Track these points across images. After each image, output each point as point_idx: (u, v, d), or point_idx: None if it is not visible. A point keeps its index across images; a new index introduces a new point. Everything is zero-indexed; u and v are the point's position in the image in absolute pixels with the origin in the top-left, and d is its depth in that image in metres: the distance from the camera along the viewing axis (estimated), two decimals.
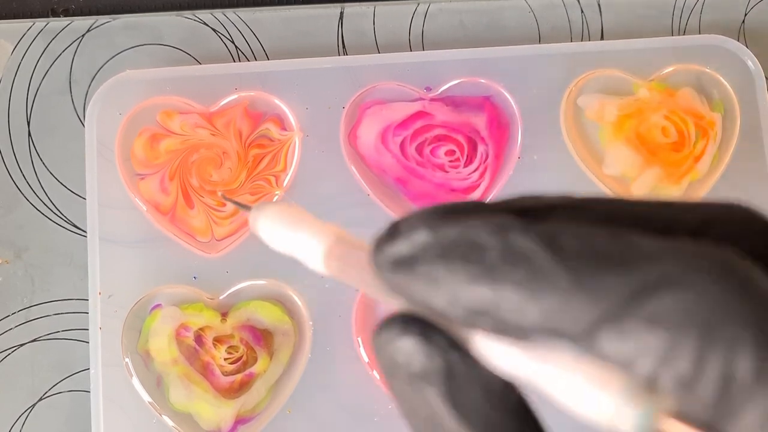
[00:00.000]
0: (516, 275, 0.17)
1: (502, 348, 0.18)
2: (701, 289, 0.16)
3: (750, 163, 0.44)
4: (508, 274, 0.17)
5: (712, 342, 0.16)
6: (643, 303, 0.16)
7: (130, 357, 0.42)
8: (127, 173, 0.43)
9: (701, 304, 0.16)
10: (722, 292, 0.16)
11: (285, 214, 0.23)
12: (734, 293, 0.16)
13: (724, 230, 0.18)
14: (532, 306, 0.17)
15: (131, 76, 0.44)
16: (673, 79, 0.45)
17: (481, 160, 0.44)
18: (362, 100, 0.44)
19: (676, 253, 0.17)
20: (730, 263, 0.17)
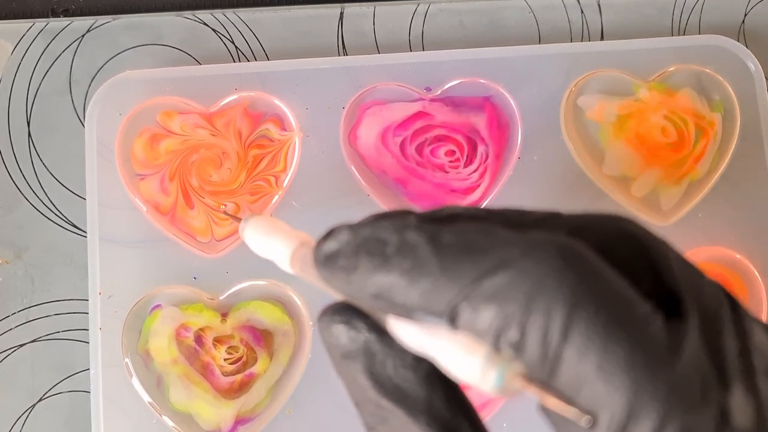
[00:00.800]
0: (404, 264, 0.21)
1: (406, 327, 0.21)
2: (526, 267, 0.19)
3: (750, 163, 0.44)
4: (399, 264, 0.21)
5: (531, 311, 0.19)
6: (484, 282, 0.20)
7: (130, 357, 0.42)
8: (127, 173, 0.43)
9: (524, 279, 0.19)
10: (542, 268, 0.19)
11: (264, 224, 0.28)
12: (553, 269, 0.19)
13: (592, 234, 0.21)
14: (413, 289, 0.20)
15: (131, 76, 0.44)
16: (673, 80, 0.45)
17: (481, 161, 0.44)
18: (362, 100, 0.44)
19: (521, 241, 0.20)
20: (561, 248, 0.20)
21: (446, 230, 0.21)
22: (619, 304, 0.19)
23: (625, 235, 0.22)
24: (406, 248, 0.21)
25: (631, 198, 0.44)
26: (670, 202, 0.44)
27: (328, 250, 0.22)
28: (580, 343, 0.19)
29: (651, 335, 0.19)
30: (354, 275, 0.21)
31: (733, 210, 0.44)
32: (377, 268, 0.21)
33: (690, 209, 0.44)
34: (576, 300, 0.19)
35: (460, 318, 0.20)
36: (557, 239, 0.20)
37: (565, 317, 0.19)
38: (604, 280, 0.20)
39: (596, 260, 0.20)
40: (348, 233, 0.22)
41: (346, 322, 0.23)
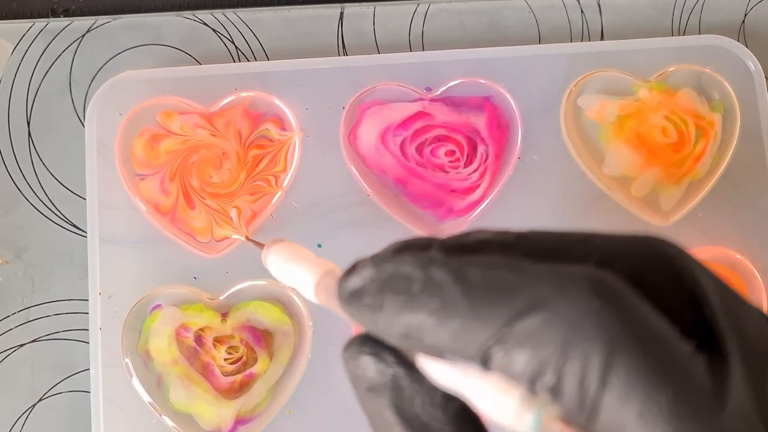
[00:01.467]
0: (432, 304, 0.20)
1: (437, 365, 0.21)
2: (560, 308, 0.19)
3: (750, 163, 0.44)
4: (426, 303, 0.20)
5: (568, 356, 0.18)
6: (516, 325, 0.19)
7: (130, 357, 0.42)
8: (127, 173, 0.43)
9: (559, 322, 0.18)
10: (577, 309, 0.18)
11: (288, 252, 0.27)
12: (589, 312, 0.18)
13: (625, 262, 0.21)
14: (443, 330, 0.20)
15: (131, 76, 0.44)
16: (673, 80, 0.45)
17: (481, 161, 0.44)
18: (362, 100, 0.44)
19: (553, 278, 0.19)
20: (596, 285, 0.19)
21: (473, 266, 0.20)
22: (659, 345, 0.18)
23: (660, 259, 0.21)
24: (432, 286, 0.20)
25: (631, 198, 0.44)
26: (670, 202, 0.44)
27: (353, 287, 0.21)
28: (620, 389, 0.18)
29: (694, 380, 0.18)
30: (380, 314, 0.21)
31: (733, 210, 0.44)
32: (404, 308, 0.20)
33: (690, 209, 0.44)
34: (614, 344, 0.18)
35: (493, 361, 0.19)
36: (590, 273, 0.19)
37: (604, 363, 0.18)
38: (642, 319, 0.19)
39: (632, 296, 0.19)
40: (372, 269, 0.21)
41: (375, 354, 0.22)
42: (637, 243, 0.21)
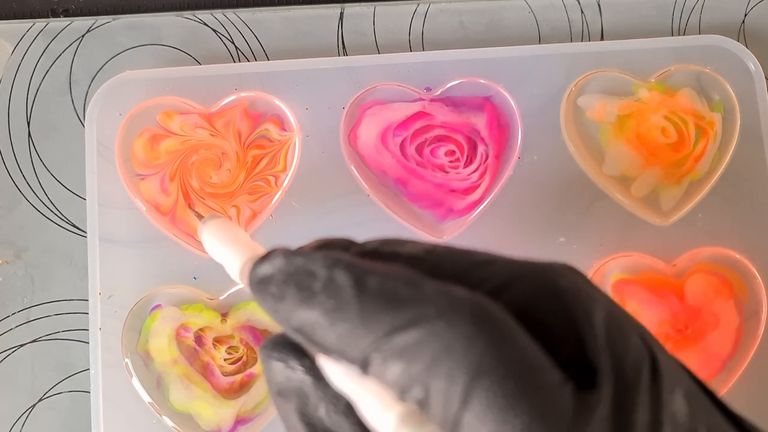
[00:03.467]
0: (327, 304, 0.20)
1: (333, 366, 0.21)
2: (437, 328, 0.19)
3: (750, 163, 0.44)
4: (322, 302, 0.21)
5: (436, 373, 0.19)
6: (394, 337, 0.20)
7: (130, 357, 0.42)
8: (127, 173, 0.43)
9: (433, 341, 0.19)
10: (452, 332, 0.19)
11: (221, 230, 0.27)
12: (462, 336, 0.19)
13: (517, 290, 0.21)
14: (332, 331, 0.20)
15: (131, 76, 0.44)
16: (673, 80, 0.45)
17: (481, 161, 0.44)
18: (362, 100, 0.44)
19: (441, 299, 0.20)
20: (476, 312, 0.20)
21: (374, 274, 0.21)
22: (526, 373, 0.19)
23: (551, 291, 0.21)
24: (332, 287, 0.21)
25: (631, 198, 0.44)
26: (670, 202, 0.44)
27: (261, 274, 0.22)
28: (479, 410, 0.19)
29: (555, 407, 0.19)
30: (281, 304, 0.21)
31: (733, 210, 0.44)
32: (302, 303, 0.21)
33: (690, 209, 0.44)
34: (480, 367, 0.19)
35: (371, 368, 0.20)
36: (474, 300, 0.20)
37: (467, 384, 0.19)
38: (515, 348, 0.19)
39: (511, 326, 0.20)
40: (282, 260, 0.22)
41: (283, 360, 0.22)
42: (533, 272, 0.22)
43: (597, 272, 0.43)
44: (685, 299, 0.42)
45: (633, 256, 0.43)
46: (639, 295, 0.42)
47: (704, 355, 0.42)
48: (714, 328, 0.42)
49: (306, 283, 0.21)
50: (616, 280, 0.43)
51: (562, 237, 0.43)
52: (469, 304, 0.20)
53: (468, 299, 0.20)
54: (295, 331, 0.21)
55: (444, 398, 0.19)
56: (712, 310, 0.42)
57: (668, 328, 0.42)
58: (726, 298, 0.42)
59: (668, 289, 0.42)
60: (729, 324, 0.42)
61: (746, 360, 0.42)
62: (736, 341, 0.42)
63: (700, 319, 0.42)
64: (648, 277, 0.43)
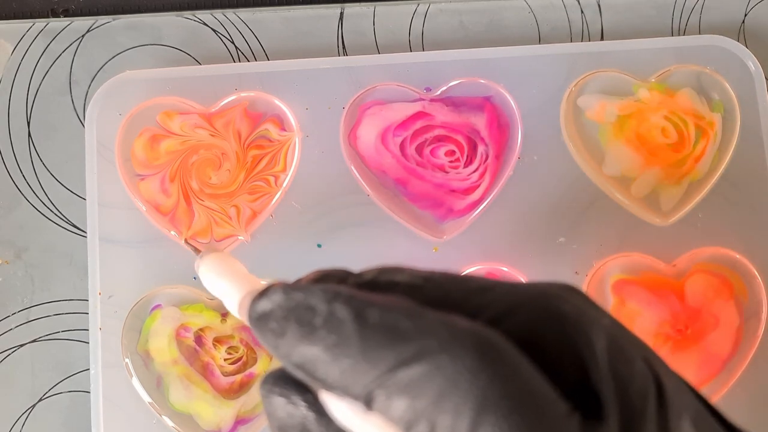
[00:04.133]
0: (329, 339, 0.20)
1: (337, 402, 0.21)
2: (442, 363, 0.19)
3: (750, 163, 0.44)
4: (325, 337, 0.20)
5: (441, 409, 0.19)
6: (399, 372, 0.19)
7: (130, 357, 0.42)
8: (127, 173, 0.43)
9: (438, 375, 0.19)
10: (456, 369, 0.19)
11: (218, 264, 0.27)
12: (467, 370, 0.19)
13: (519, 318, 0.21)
14: (334, 367, 0.20)
15: (131, 76, 0.44)
16: (673, 80, 0.45)
17: (481, 161, 0.44)
18: (362, 100, 0.44)
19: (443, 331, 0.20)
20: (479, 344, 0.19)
21: (374, 307, 0.20)
22: (532, 405, 0.19)
23: (554, 318, 0.21)
24: (333, 322, 0.20)
25: (631, 198, 0.44)
26: (670, 202, 0.44)
27: (261, 310, 0.22)
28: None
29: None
30: (282, 340, 0.21)
31: (733, 210, 0.44)
32: (303, 338, 0.21)
33: (690, 209, 0.44)
34: (486, 402, 0.19)
35: (375, 404, 0.20)
36: (476, 331, 0.20)
37: (472, 420, 0.19)
38: (520, 381, 0.19)
39: (515, 358, 0.20)
40: (281, 295, 0.22)
41: (285, 395, 0.22)
42: (533, 298, 0.22)
43: (597, 272, 0.43)
44: (685, 299, 0.42)
45: (633, 256, 0.43)
46: (639, 295, 0.42)
47: (704, 355, 0.42)
48: (714, 329, 0.42)
49: (306, 318, 0.21)
50: (616, 280, 0.43)
51: (562, 237, 0.43)
52: (471, 335, 0.20)
53: (470, 330, 0.20)
54: (297, 367, 0.21)
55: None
56: (712, 311, 0.42)
57: (668, 329, 0.42)
58: (726, 298, 0.42)
59: (668, 290, 0.42)
60: (729, 324, 0.42)
61: (746, 360, 0.42)
62: (736, 341, 0.42)
63: (700, 320, 0.42)
64: (648, 277, 0.43)
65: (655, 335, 0.42)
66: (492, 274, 0.43)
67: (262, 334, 0.22)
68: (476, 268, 0.43)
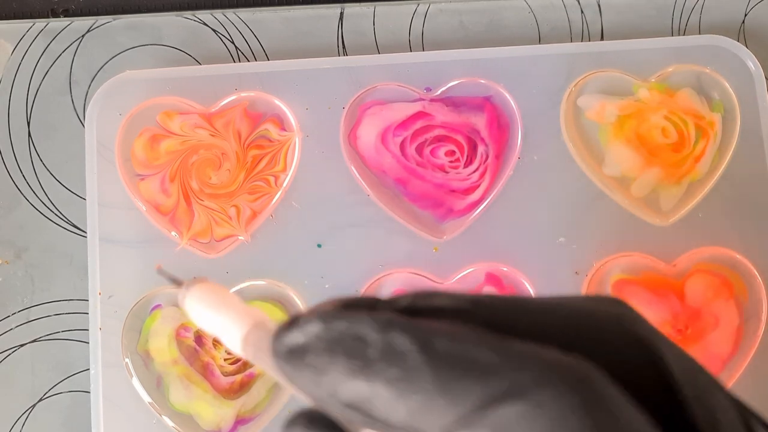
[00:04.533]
0: (390, 373, 0.18)
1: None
2: (541, 403, 0.17)
3: (750, 163, 0.44)
4: (384, 371, 0.18)
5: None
6: (489, 412, 0.17)
7: (130, 357, 0.42)
8: (127, 173, 0.43)
9: (538, 418, 0.17)
10: (560, 408, 0.17)
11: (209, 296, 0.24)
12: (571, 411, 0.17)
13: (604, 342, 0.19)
14: (401, 404, 0.17)
15: (131, 76, 0.44)
16: (673, 80, 0.45)
17: (481, 161, 0.44)
18: (362, 100, 0.44)
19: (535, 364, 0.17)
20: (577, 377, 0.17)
21: (440, 335, 0.18)
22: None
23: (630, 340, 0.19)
24: (392, 353, 0.18)
25: (631, 198, 0.44)
26: (670, 202, 0.44)
27: (293, 344, 0.19)
28: None
29: None
30: (325, 377, 0.18)
31: (733, 210, 0.44)
32: (356, 373, 0.18)
33: (690, 209, 0.44)
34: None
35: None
36: (570, 363, 0.18)
37: None
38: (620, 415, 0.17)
39: (612, 393, 0.18)
40: (319, 325, 0.19)
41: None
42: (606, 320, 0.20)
43: (597, 272, 0.43)
44: (685, 299, 0.42)
45: (633, 256, 0.43)
46: (639, 295, 0.42)
47: (704, 355, 0.42)
48: (714, 329, 0.42)
49: (357, 350, 0.18)
50: (616, 280, 0.43)
51: (562, 237, 0.43)
52: (567, 367, 0.17)
53: (566, 363, 0.18)
54: (347, 407, 0.18)
55: None
56: (712, 311, 0.42)
57: (668, 329, 0.42)
58: (726, 298, 0.42)
59: (668, 289, 0.42)
60: (729, 324, 0.42)
61: (746, 360, 0.42)
62: (736, 341, 0.42)
63: (700, 320, 0.42)
64: (648, 277, 0.43)
65: None
66: (492, 275, 0.43)
67: (297, 371, 0.19)
68: (476, 268, 0.43)
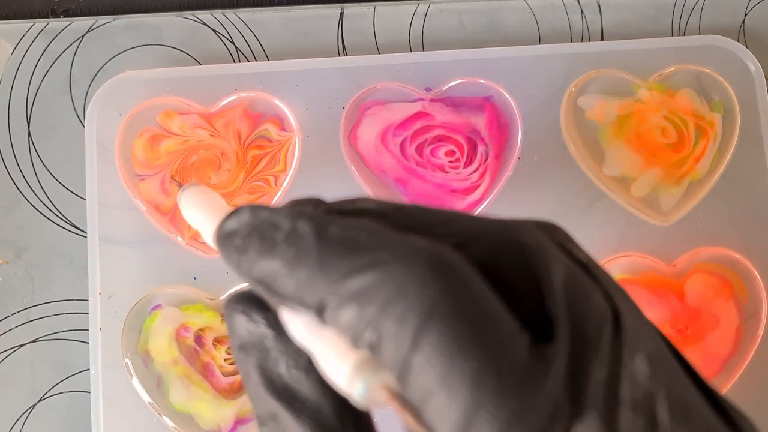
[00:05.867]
0: (288, 253, 0.20)
1: (294, 320, 0.21)
2: (393, 271, 0.19)
3: (750, 163, 0.44)
4: (283, 251, 0.20)
5: (387, 315, 0.19)
6: (349, 280, 0.19)
7: (130, 357, 0.42)
8: (127, 173, 0.43)
9: (388, 283, 0.19)
10: (407, 275, 0.19)
11: (198, 197, 0.27)
12: (417, 277, 0.19)
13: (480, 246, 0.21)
14: (291, 279, 0.20)
15: (131, 76, 0.44)
16: (673, 80, 0.45)
17: (481, 161, 0.44)
18: (362, 100, 0.44)
19: (400, 245, 0.20)
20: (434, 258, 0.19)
21: (336, 224, 0.21)
22: (481, 320, 0.19)
23: (514, 247, 0.21)
24: (294, 236, 0.21)
25: (631, 198, 0.44)
26: (670, 202, 0.44)
27: (228, 229, 0.22)
28: (428, 353, 0.18)
29: (508, 356, 0.18)
30: (244, 257, 0.21)
31: (733, 210, 0.44)
32: (264, 253, 0.21)
33: (690, 209, 0.44)
34: (433, 310, 0.18)
35: (326, 313, 0.20)
36: (433, 248, 0.20)
37: (418, 325, 0.18)
38: (470, 294, 0.19)
39: (468, 274, 0.19)
40: (248, 214, 0.22)
41: (246, 313, 0.22)
42: (499, 229, 0.21)
43: None
44: (685, 299, 0.42)
45: (633, 256, 0.43)
46: (639, 295, 0.42)
47: (704, 355, 0.42)
48: (714, 329, 0.42)
49: (269, 234, 0.21)
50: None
51: None
52: (427, 249, 0.20)
53: (427, 246, 0.20)
54: (257, 282, 0.21)
55: (395, 341, 0.19)
56: (712, 311, 0.42)
57: (668, 328, 0.42)
58: (726, 298, 0.42)
59: (668, 289, 0.42)
60: (729, 324, 0.42)
61: (746, 360, 0.42)
62: (736, 341, 0.42)
63: (700, 320, 0.42)
64: (648, 277, 0.43)
65: None
66: None
67: (227, 252, 0.22)
68: None
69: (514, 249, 0.21)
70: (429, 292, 0.19)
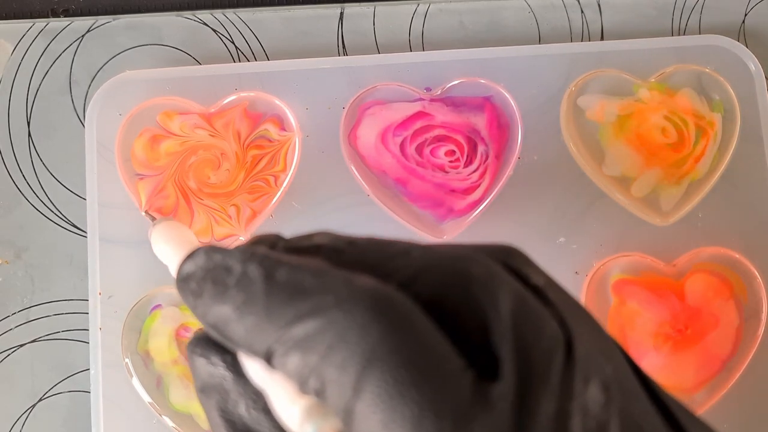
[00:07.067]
0: (238, 298, 0.20)
1: (251, 363, 0.21)
2: (335, 317, 0.19)
3: (750, 163, 0.44)
4: (234, 297, 0.21)
5: (329, 363, 0.19)
6: (294, 327, 0.19)
7: (130, 357, 0.42)
8: (127, 173, 0.43)
9: (329, 330, 0.19)
10: (348, 321, 0.19)
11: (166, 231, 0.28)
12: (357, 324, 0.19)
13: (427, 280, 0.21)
14: (241, 325, 0.20)
15: (131, 76, 0.44)
16: (673, 80, 0.45)
17: (481, 161, 0.44)
18: (362, 100, 0.44)
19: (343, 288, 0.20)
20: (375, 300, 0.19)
21: (284, 266, 0.21)
22: (422, 362, 0.18)
23: (461, 281, 0.21)
24: (244, 281, 0.21)
25: (631, 198, 0.44)
26: (670, 202, 0.44)
27: (185, 272, 0.22)
28: (369, 400, 0.18)
29: (450, 397, 0.18)
30: (199, 301, 0.21)
31: (733, 210, 0.44)
32: (216, 298, 0.21)
33: (690, 209, 0.44)
34: (373, 356, 0.18)
35: (274, 360, 0.20)
36: (376, 289, 0.20)
37: (358, 372, 0.18)
38: (412, 336, 0.19)
39: (411, 315, 0.19)
40: (203, 257, 0.22)
41: (205, 356, 0.23)
42: (448, 262, 0.21)
43: (597, 272, 0.43)
44: (685, 299, 0.42)
45: (633, 256, 0.43)
46: (639, 295, 0.42)
47: (704, 355, 0.42)
48: (714, 329, 0.42)
49: (221, 278, 0.21)
50: (616, 280, 0.43)
51: (562, 237, 0.43)
52: (370, 293, 0.19)
53: (370, 288, 0.20)
54: (211, 327, 0.21)
55: (337, 388, 0.19)
56: (712, 311, 0.42)
57: (668, 329, 0.42)
58: (726, 298, 0.42)
59: (668, 289, 0.42)
60: (729, 324, 0.42)
61: (746, 360, 0.42)
62: (736, 342, 0.42)
63: (700, 320, 0.42)
64: (648, 277, 0.43)
65: (654, 335, 0.42)
66: None
67: (184, 295, 0.22)
68: None
69: (463, 282, 0.21)
70: (369, 338, 0.19)
